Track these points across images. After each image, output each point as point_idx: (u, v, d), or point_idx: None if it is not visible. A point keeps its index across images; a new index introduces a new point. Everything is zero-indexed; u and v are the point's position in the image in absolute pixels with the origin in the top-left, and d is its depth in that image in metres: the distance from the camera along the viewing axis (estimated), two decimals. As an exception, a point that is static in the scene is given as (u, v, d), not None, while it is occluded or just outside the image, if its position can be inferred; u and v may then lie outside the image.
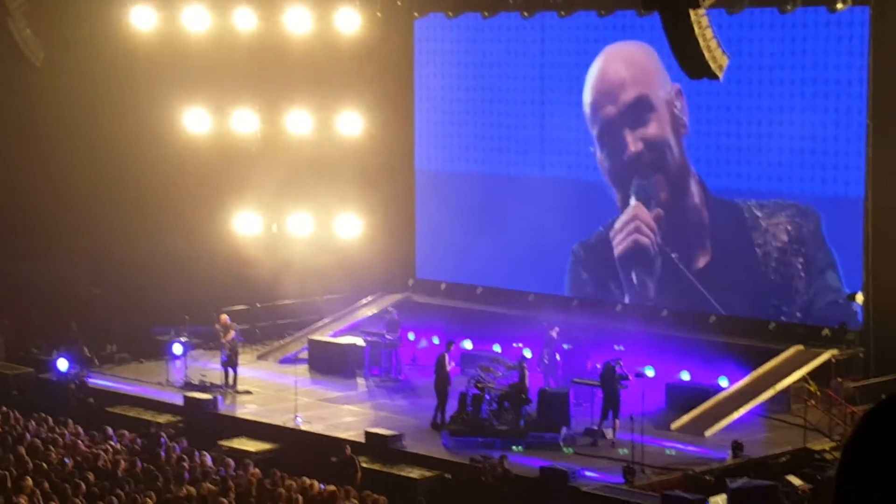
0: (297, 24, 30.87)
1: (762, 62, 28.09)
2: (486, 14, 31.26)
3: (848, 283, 27.31)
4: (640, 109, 29.93)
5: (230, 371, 28.45)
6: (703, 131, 29.29)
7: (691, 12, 22.54)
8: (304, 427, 25.49)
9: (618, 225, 30.42)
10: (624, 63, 30.47)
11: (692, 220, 29.52)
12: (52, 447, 22.08)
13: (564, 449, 23.80)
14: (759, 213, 28.50)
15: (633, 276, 30.43)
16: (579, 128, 31.01)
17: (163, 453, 22.25)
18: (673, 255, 29.71)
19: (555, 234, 31.56)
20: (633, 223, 30.13)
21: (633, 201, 30.13)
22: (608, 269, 30.83)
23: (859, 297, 26.50)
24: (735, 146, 28.79)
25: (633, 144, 29.93)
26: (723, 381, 26.84)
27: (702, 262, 29.39)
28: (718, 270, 29.15)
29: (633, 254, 30.31)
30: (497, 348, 29.65)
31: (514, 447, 23.74)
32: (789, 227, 28.11)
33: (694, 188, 29.52)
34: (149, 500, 18.71)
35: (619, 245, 30.42)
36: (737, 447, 23.19)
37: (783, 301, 28.27)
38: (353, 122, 31.93)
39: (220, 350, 28.83)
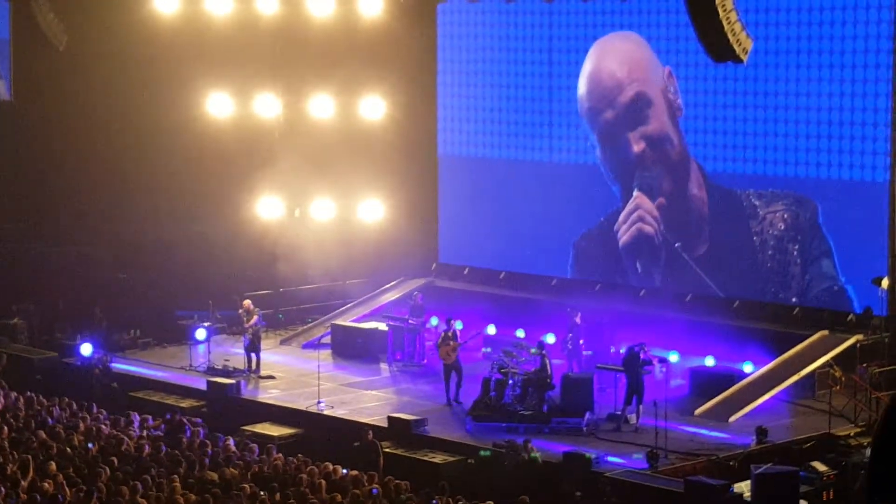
0: (320, 8, 30.79)
1: (783, 45, 27.95)
2: (509, -2, 31.15)
3: (844, 271, 27.39)
4: (638, 108, 30.01)
5: (253, 356, 28.47)
6: (711, 116, 29.24)
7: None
8: (326, 412, 25.49)
9: (621, 217, 30.39)
10: (617, 62, 30.45)
11: (693, 207, 29.57)
12: (75, 432, 22.14)
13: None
14: (756, 202, 28.60)
15: (638, 266, 30.46)
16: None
17: (186, 437, 22.30)
18: (676, 245, 29.74)
19: (575, 220, 31.55)
20: (636, 213, 30.09)
21: (636, 192, 30.11)
22: (610, 261, 30.85)
23: (885, 283, 26.34)
24: (752, 131, 28.74)
25: (636, 144, 30.05)
26: (747, 367, 26.75)
27: (701, 249, 29.44)
28: (716, 257, 29.31)
29: (637, 243, 30.31)
30: (520, 333, 29.61)
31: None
32: (786, 216, 28.21)
33: (694, 174, 29.54)
34: (175, 485, 18.74)
35: (623, 235, 30.40)
36: (761, 433, 23.09)
37: (780, 288, 28.36)
38: (375, 107, 31.86)
39: (243, 335, 28.84)
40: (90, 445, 21.32)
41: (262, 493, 18.75)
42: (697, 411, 25.04)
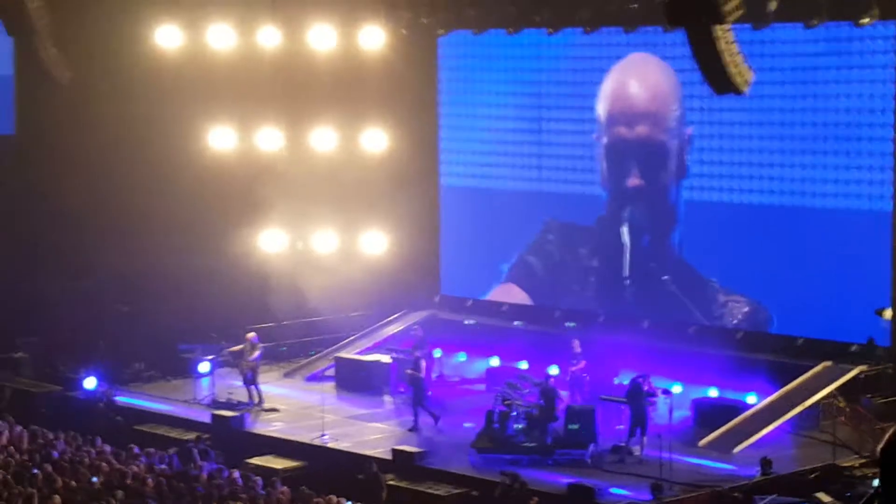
0: (322, 41, 30.90)
1: (778, 77, 28.14)
2: (510, 30, 31.19)
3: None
4: (650, 150, 30.23)
5: (253, 389, 28.47)
6: (717, 147, 29.38)
7: (716, 28, 22.48)
8: (330, 444, 25.49)
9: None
10: (646, 89, 30.60)
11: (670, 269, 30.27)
12: (80, 465, 22.12)
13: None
14: (718, 289, 29.37)
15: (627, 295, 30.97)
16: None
17: (193, 470, 22.29)
18: (664, 278, 30.02)
19: (576, 251, 31.64)
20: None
21: (624, 232, 30.47)
22: (612, 290, 31.23)
23: (887, 313, 26.37)
24: (747, 161, 28.96)
25: (636, 179, 30.29)
26: (751, 398, 26.74)
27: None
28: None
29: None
30: (524, 365, 29.61)
31: None
32: (745, 310, 29.04)
33: (675, 235, 30.12)
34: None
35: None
36: (765, 464, 23.08)
37: None
38: (377, 139, 31.93)
39: (247, 370, 28.69)
40: (94, 479, 21.31)
41: (267, 526, 18.74)
42: (701, 442, 25.03)
